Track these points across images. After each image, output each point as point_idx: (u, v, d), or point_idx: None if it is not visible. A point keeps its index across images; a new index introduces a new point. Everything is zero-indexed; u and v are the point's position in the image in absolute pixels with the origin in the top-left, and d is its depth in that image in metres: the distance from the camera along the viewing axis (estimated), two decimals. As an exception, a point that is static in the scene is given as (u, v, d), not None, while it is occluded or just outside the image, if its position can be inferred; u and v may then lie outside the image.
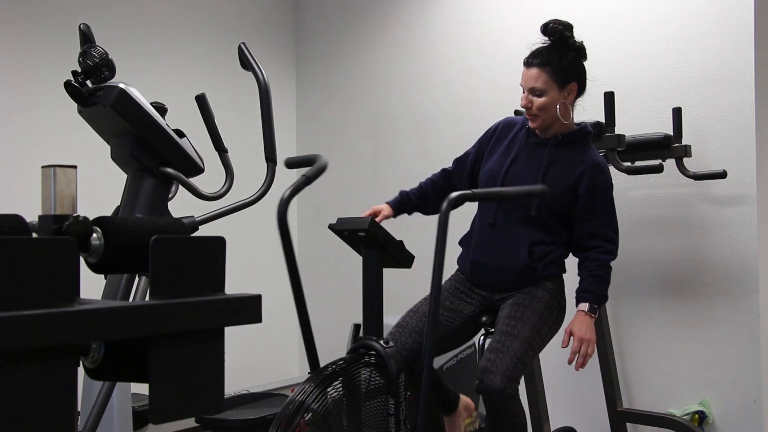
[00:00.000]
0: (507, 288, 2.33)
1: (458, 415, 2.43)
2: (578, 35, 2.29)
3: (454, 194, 2.02)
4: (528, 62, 2.29)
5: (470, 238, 2.43)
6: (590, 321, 2.20)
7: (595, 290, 2.23)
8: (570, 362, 2.17)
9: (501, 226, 2.33)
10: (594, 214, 2.27)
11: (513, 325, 2.19)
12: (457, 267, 2.50)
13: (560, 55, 2.26)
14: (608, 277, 2.27)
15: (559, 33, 2.27)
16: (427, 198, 2.50)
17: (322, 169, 2.06)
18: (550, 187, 2.19)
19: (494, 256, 2.32)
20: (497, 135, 2.45)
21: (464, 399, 2.49)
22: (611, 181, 2.32)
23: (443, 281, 2.46)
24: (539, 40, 2.31)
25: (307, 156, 2.18)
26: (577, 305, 2.25)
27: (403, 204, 2.48)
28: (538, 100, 2.27)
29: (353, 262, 2.31)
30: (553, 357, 3.22)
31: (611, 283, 3.13)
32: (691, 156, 2.87)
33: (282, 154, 2.29)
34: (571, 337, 2.20)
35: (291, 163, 2.27)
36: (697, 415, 2.91)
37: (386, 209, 2.43)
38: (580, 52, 2.31)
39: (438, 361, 2.76)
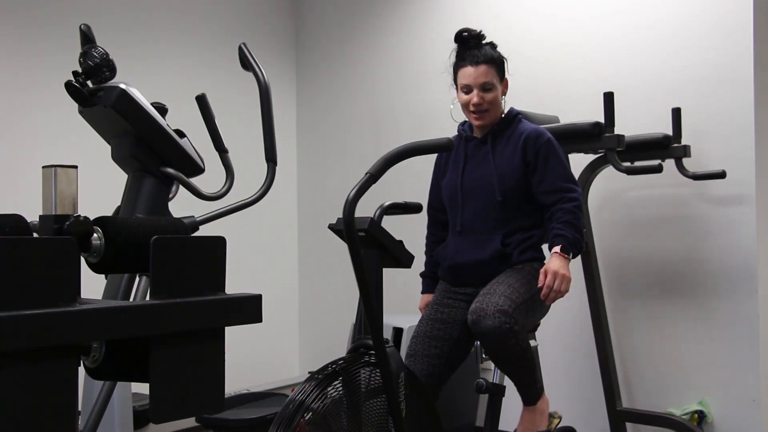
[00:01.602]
0: (487, 278, 2.36)
1: (536, 411, 2.33)
2: (578, 35, 2.29)
3: (353, 192, 1.87)
4: (474, 61, 2.38)
5: (446, 249, 2.48)
6: (564, 261, 2.22)
7: (564, 233, 2.25)
8: (543, 296, 2.19)
9: (469, 231, 2.41)
10: (546, 173, 2.34)
11: (490, 286, 2.24)
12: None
13: (494, 52, 2.40)
14: (576, 221, 2.29)
15: (479, 35, 2.41)
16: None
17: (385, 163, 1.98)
18: (503, 167, 2.35)
19: (470, 255, 2.39)
20: (444, 159, 2.57)
21: (546, 398, 2.40)
22: (554, 140, 2.40)
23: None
24: (453, 47, 2.45)
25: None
26: (550, 250, 2.28)
27: (435, 279, 2.57)
28: (489, 95, 2.39)
29: (353, 262, 2.31)
30: (552, 356, 3.24)
31: (609, 281, 3.18)
32: (690, 156, 2.87)
33: (282, 155, 2.30)
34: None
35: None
36: (696, 415, 2.91)
37: (427, 297, 2.57)
38: (499, 50, 2.46)
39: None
